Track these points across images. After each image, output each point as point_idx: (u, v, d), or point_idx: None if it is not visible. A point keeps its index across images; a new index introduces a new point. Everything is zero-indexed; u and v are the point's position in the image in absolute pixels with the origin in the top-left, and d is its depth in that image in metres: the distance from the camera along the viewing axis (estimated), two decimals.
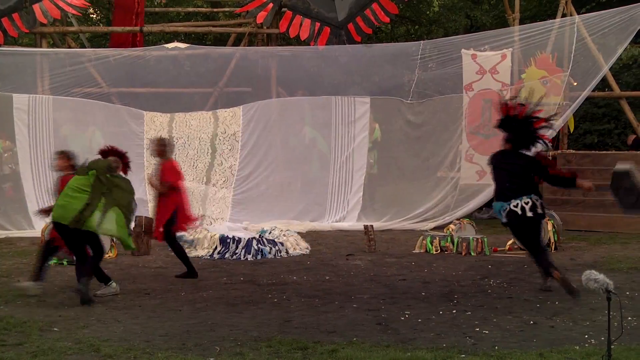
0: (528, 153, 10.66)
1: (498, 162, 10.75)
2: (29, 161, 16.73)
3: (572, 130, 20.28)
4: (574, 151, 18.99)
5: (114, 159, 10.33)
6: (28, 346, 7.63)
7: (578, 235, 15.40)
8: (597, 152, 20.03)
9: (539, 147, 10.85)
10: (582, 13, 19.53)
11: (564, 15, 18.25)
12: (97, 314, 9.12)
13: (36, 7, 18.02)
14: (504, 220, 10.50)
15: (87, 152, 17.18)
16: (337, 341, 7.82)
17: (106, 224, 9.74)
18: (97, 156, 10.63)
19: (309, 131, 18.22)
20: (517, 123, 10.60)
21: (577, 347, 7.48)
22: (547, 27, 17.26)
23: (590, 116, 25.99)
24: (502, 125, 10.79)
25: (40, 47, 18.70)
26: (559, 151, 18.45)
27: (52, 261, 12.65)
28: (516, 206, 10.24)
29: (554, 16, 19.02)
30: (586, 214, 16.41)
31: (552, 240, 13.65)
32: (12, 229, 15.63)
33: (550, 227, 13.67)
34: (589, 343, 7.69)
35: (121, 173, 10.41)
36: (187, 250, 13.52)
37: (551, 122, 10.85)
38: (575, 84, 17.15)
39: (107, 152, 10.61)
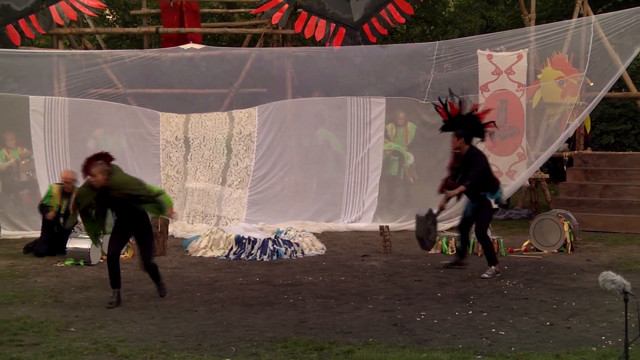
0: None
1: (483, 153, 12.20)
2: (45, 162, 16.78)
3: (588, 130, 20.21)
4: (590, 152, 18.93)
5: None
6: (45, 346, 7.66)
7: (594, 236, 15.32)
8: (613, 152, 19.98)
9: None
10: (599, 13, 19.47)
11: (580, 16, 18.19)
12: (113, 315, 9.15)
13: (52, 9, 18.10)
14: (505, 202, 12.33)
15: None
16: (353, 342, 7.82)
17: None
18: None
19: (321, 133, 18.20)
20: (464, 119, 11.97)
21: (594, 349, 7.46)
22: (563, 27, 17.19)
23: (606, 117, 25.95)
24: (448, 126, 12.20)
25: (57, 48, 18.78)
26: (576, 152, 18.40)
27: (68, 262, 12.74)
28: None
29: (570, 16, 18.96)
30: (602, 215, 16.34)
31: (569, 241, 13.60)
32: (29, 230, 15.67)
33: (566, 227, 13.63)
34: (605, 344, 7.67)
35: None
36: (198, 251, 13.66)
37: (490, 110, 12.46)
38: (591, 84, 17.09)
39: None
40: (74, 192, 13.51)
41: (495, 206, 11.83)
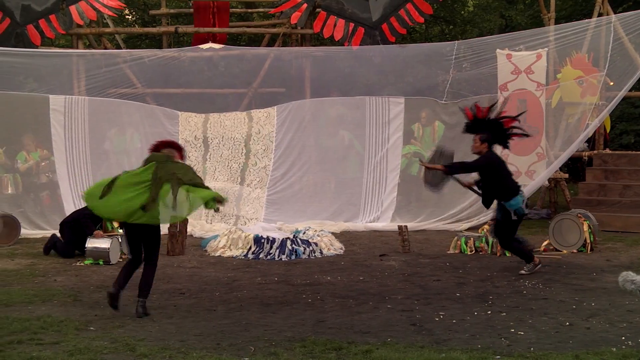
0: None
1: (502, 160, 11.95)
2: (65, 161, 16.88)
3: (608, 130, 20.11)
4: (610, 151, 18.84)
5: (168, 151, 9.80)
6: (65, 345, 7.69)
7: (614, 236, 15.25)
8: (634, 152, 19.86)
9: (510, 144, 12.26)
10: (619, 12, 19.37)
11: (600, 15, 18.11)
12: (132, 314, 9.16)
13: (72, 9, 18.21)
14: (526, 211, 11.79)
15: (123, 154, 17.48)
16: (371, 342, 7.81)
17: (179, 210, 9.16)
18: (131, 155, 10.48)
19: (347, 134, 18.18)
20: (489, 124, 11.83)
21: (614, 349, 7.43)
22: (583, 26, 17.11)
23: (626, 116, 25.83)
24: (472, 128, 12.00)
25: (77, 48, 18.87)
26: (595, 151, 18.32)
27: (88, 261, 12.79)
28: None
29: (589, 15, 18.89)
30: (622, 215, 16.25)
31: (588, 241, 13.54)
32: (49, 229, 15.72)
33: (585, 227, 13.57)
34: (625, 345, 7.63)
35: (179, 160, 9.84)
36: (216, 250, 13.67)
37: (519, 119, 12.23)
38: (611, 83, 17.00)
39: (158, 147, 9.94)
40: None
41: (514, 217, 11.63)
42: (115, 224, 13.50)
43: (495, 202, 11.87)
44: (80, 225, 13.46)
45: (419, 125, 17.88)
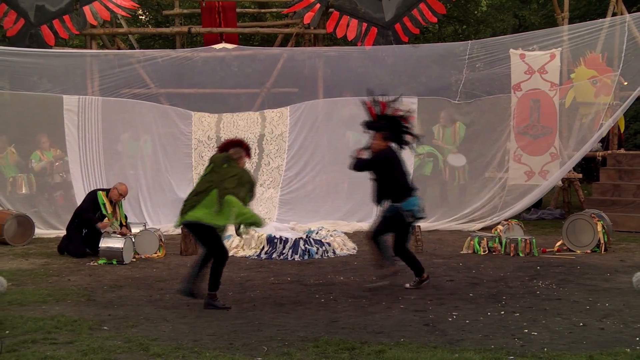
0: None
1: (398, 159, 11.10)
2: (79, 161, 16.92)
3: (622, 130, 20.05)
4: (624, 151, 18.77)
5: (234, 151, 9.92)
6: (78, 344, 7.70)
7: (628, 236, 15.21)
8: None
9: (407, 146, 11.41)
10: (633, 12, 19.30)
11: (614, 14, 18.07)
12: (145, 313, 9.19)
13: (86, 9, 18.26)
14: (421, 215, 11.16)
15: (137, 157, 17.52)
16: (385, 342, 7.80)
17: (216, 218, 9.49)
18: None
19: (352, 135, 18.15)
20: (390, 121, 11.20)
21: (628, 350, 7.40)
22: (597, 26, 17.08)
23: None
24: (374, 125, 11.28)
25: (90, 48, 18.92)
26: (609, 151, 18.26)
27: (101, 261, 12.82)
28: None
29: (603, 15, 18.84)
30: (636, 215, 16.19)
31: (602, 242, 13.49)
32: (62, 229, 15.74)
33: (599, 228, 13.52)
34: (639, 346, 7.60)
35: (246, 159, 10.14)
36: (229, 250, 13.67)
37: (410, 119, 11.48)
38: (625, 83, 16.96)
39: (225, 146, 10.12)
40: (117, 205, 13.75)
41: (410, 219, 10.92)
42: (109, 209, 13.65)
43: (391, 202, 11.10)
44: (82, 221, 13.56)
45: (439, 126, 17.85)
